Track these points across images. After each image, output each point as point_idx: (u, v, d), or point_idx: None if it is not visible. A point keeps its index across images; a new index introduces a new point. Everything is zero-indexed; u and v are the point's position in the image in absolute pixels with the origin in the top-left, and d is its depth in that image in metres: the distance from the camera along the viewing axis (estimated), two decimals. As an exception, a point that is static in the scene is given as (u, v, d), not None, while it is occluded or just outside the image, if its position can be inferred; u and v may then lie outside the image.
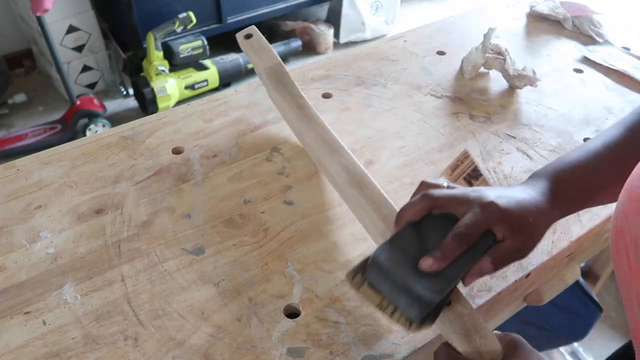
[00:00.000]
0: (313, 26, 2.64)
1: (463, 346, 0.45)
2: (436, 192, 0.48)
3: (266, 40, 0.74)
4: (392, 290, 0.44)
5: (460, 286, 0.48)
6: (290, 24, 2.68)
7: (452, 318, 0.46)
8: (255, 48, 0.73)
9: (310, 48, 2.66)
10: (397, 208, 0.59)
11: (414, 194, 0.51)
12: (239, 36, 0.76)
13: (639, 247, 0.35)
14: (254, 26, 0.76)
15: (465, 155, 0.66)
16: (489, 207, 0.46)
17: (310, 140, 0.65)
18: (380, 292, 0.46)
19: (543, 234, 0.50)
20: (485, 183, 0.65)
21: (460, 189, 0.49)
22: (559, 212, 0.52)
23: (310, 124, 0.66)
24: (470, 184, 0.66)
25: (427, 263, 0.44)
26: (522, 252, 0.48)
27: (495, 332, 0.47)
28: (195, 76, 2.23)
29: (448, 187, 0.50)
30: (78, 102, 2.10)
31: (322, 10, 2.88)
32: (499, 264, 0.47)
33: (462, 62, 0.95)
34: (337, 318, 0.55)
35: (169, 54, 2.15)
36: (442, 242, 0.45)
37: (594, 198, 0.54)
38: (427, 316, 0.44)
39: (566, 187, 0.52)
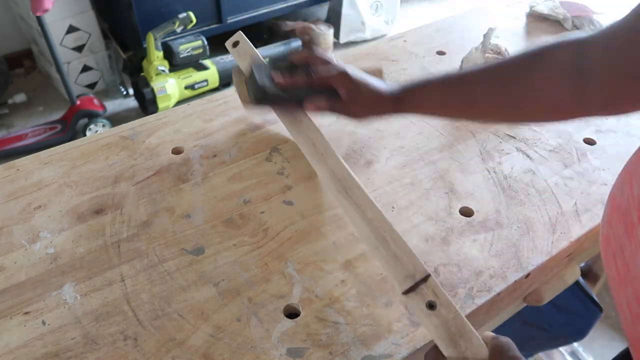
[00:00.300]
0: (313, 26, 2.63)
1: (448, 351, 0.45)
2: (318, 50, 0.68)
3: (252, 46, 0.74)
4: (251, 80, 0.67)
5: (458, 286, 0.48)
6: (290, 24, 2.68)
7: (437, 323, 0.46)
8: (241, 55, 0.74)
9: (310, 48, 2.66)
10: (396, 207, 0.59)
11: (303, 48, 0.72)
12: (228, 45, 0.77)
13: (624, 253, 0.36)
14: (240, 32, 0.77)
15: (378, 69, 0.74)
16: (340, 73, 0.64)
17: (299, 144, 0.66)
18: (245, 82, 0.70)
19: (373, 114, 0.66)
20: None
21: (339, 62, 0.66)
22: (394, 107, 0.65)
23: (300, 128, 0.66)
24: None
25: (277, 76, 0.66)
26: (350, 115, 0.66)
27: (487, 333, 0.47)
28: (195, 76, 2.23)
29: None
30: (78, 102, 2.10)
31: (322, 10, 2.88)
32: (330, 107, 0.65)
33: (462, 62, 0.95)
34: (336, 318, 0.55)
35: (169, 54, 2.15)
36: (295, 72, 0.66)
37: (441, 107, 0.63)
38: (259, 99, 0.67)
39: (415, 90, 0.63)
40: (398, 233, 0.53)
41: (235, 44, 0.76)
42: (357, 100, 0.65)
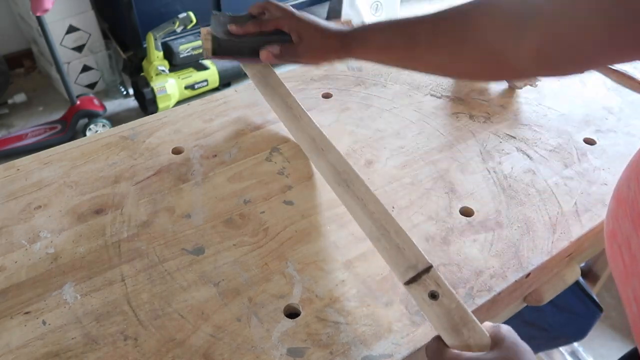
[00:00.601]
0: (313, 26, 2.63)
1: (452, 340, 0.45)
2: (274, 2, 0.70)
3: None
4: (211, 31, 0.72)
5: (458, 286, 0.48)
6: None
7: (440, 313, 0.46)
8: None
9: (310, 48, 2.66)
10: (396, 207, 0.59)
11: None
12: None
13: (631, 246, 0.36)
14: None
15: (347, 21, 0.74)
16: (287, 14, 0.68)
17: (299, 139, 0.66)
18: (208, 34, 0.72)
19: (324, 58, 0.68)
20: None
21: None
22: (345, 50, 0.65)
23: (300, 124, 0.67)
24: None
25: (231, 26, 0.70)
26: (299, 58, 0.69)
27: (487, 323, 0.47)
28: (195, 76, 2.23)
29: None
30: (78, 102, 2.09)
31: (322, 10, 2.88)
32: (283, 54, 0.68)
33: (462, 62, 0.95)
34: (337, 318, 0.55)
35: (169, 54, 2.15)
36: (247, 22, 0.70)
37: (385, 49, 0.63)
38: (216, 51, 0.72)
39: (362, 31, 0.64)
40: (399, 225, 0.54)
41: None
42: (304, 41, 0.67)
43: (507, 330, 0.46)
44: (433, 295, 0.48)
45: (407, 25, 0.61)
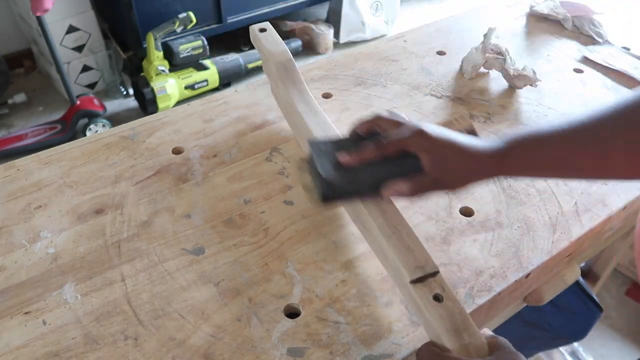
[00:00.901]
0: (313, 26, 2.63)
1: (452, 342, 0.45)
2: (386, 114, 0.56)
3: (280, 37, 0.75)
4: (313, 171, 0.54)
5: (459, 286, 0.48)
6: (290, 24, 2.68)
7: (444, 314, 0.46)
8: (269, 41, 0.74)
9: (310, 48, 2.66)
10: (396, 207, 0.59)
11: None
12: (254, 28, 0.77)
13: None
14: (268, 22, 0.78)
15: (462, 117, 0.65)
16: (416, 132, 0.52)
17: (316, 134, 0.66)
18: (309, 172, 0.55)
19: (471, 181, 0.53)
20: None
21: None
22: (499, 169, 0.52)
23: (318, 119, 0.67)
24: None
25: (343, 156, 0.54)
26: (441, 187, 0.54)
27: (485, 330, 0.48)
28: (195, 76, 2.23)
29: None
30: (78, 102, 2.10)
31: (322, 10, 2.88)
32: (415, 190, 0.53)
33: (462, 62, 0.95)
34: (337, 318, 0.55)
35: (169, 54, 2.15)
36: (362, 143, 0.54)
37: (551, 168, 0.52)
38: (328, 196, 0.54)
39: (529, 146, 0.51)
40: (410, 227, 0.54)
41: (262, 31, 0.76)
42: (441, 165, 0.52)
43: (504, 340, 0.46)
44: (437, 298, 0.48)
45: (582, 129, 0.49)
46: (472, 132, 0.60)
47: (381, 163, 0.53)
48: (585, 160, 0.49)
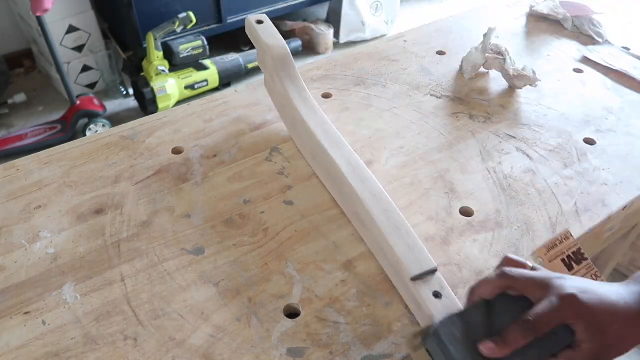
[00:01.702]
0: (313, 26, 2.63)
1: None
2: (516, 272, 0.46)
3: (278, 31, 0.75)
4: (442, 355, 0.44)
5: (458, 286, 0.48)
6: (290, 24, 2.68)
7: (441, 308, 0.49)
8: (267, 34, 0.74)
9: (310, 48, 2.66)
10: (397, 207, 0.59)
11: (496, 268, 0.49)
12: (251, 19, 0.75)
13: None
14: (265, 14, 0.77)
15: (566, 236, 0.60)
16: (567, 300, 0.42)
17: (312, 130, 0.66)
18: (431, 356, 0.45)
19: (630, 346, 0.44)
20: (590, 269, 0.59)
21: (544, 273, 0.46)
22: None
23: (316, 117, 0.67)
24: (571, 268, 0.60)
25: (487, 347, 0.42)
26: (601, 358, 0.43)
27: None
28: (195, 76, 2.23)
29: (533, 268, 0.48)
30: (78, 102, 2.10)
31: (322, 10, 2.88)
32: None
33: (462, 62, 0.95)
34: (337, 318, 0.55)
35: (169, 54, 2.15)
36: (507, 328, 0.43)
37: None
38: None
39: None
40: (410, 227, 0.56)
41: (259, 22, 0.75)
42: (602, 337, 0.42)
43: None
44: (436, 295, 0.49)
45: None
46: (579, 253, 0.55)
47: (529, 345, 0.43)
48: None
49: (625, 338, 0.43)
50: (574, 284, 0.44)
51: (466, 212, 0.67)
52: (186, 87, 2.22)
